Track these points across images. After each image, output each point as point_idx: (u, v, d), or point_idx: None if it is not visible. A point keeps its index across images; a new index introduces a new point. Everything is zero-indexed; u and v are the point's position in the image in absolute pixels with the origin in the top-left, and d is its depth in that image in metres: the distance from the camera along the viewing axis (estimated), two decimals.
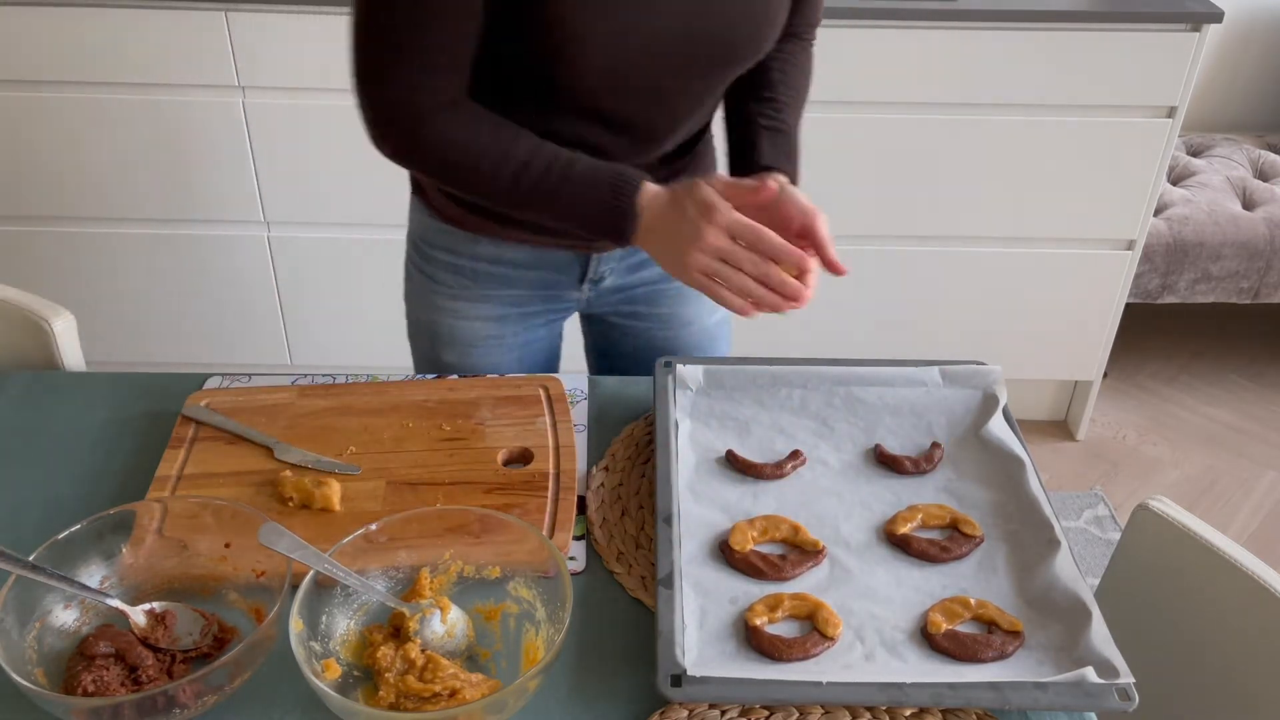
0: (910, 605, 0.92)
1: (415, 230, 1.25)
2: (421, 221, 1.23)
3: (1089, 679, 0.82)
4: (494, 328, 1.25)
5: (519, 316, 1.25)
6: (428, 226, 1.22)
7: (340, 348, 2.38)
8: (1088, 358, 2.40)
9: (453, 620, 0.87)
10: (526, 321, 1.26)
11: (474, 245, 1.19)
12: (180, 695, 0.79)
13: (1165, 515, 1.05)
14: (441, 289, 1.23)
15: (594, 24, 0.95)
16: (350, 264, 2.25)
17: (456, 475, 1.04)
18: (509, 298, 1.23)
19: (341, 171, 2.12)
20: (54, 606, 0.87)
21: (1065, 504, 2.31)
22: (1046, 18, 1.98)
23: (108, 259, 2.26)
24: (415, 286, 1.27)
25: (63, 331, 1.26)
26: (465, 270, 1.21)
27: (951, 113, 2.10)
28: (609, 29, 0.96)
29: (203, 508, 0.94)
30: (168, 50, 2.00)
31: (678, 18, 0.98)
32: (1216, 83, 2.80)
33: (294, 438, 1.08)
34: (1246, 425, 2.60)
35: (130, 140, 2.10)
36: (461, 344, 1.26)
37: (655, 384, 1.12)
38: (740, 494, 1.03)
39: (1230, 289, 2.44)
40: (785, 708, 0.85)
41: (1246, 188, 2.53)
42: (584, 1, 0.93)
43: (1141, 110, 2.09)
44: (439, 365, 1.29)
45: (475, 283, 1.21)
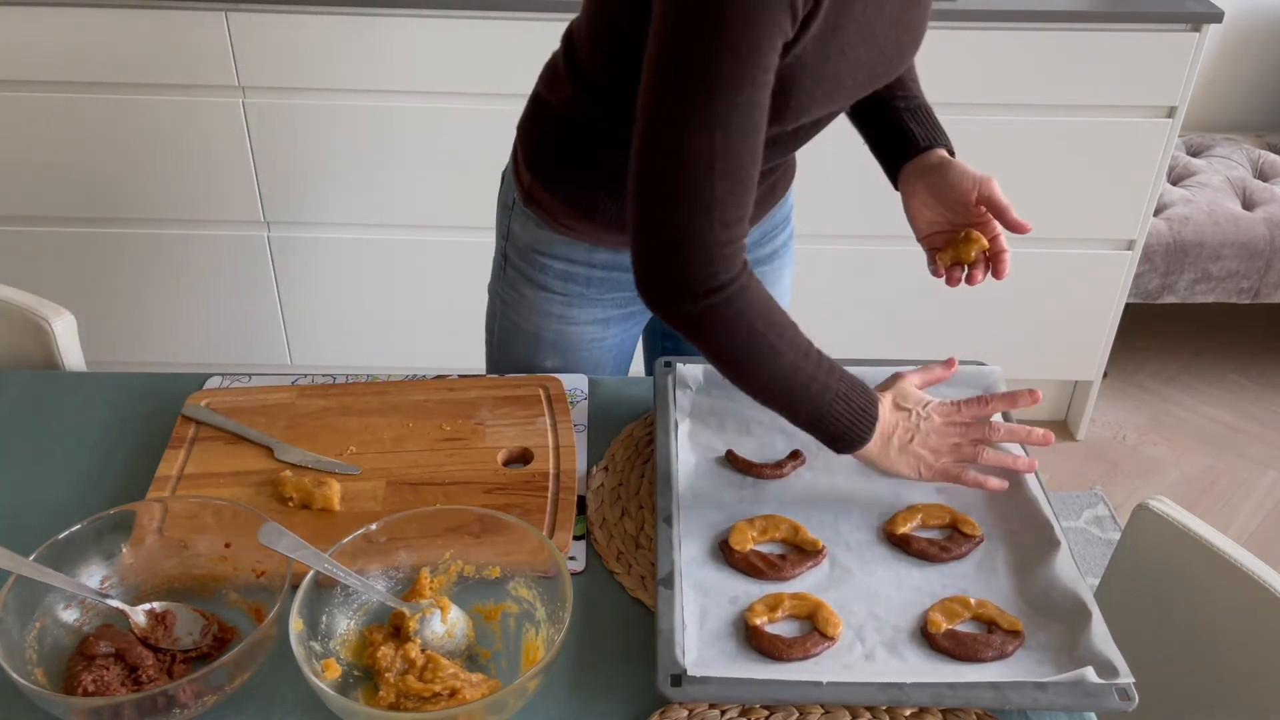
0: (910, 605, 0.92)
1: (524, 240, 1.21)
2: (533, 233, 1.20)
3: (1089, 679, 0.82)
4: (599, 330, 1.25)
5: (622, 317, 1.26)
6: (540, 237, 1.19)
7: (340, 348, 2.38)
8: (1088, 358, 2.40)
9: (453, 620, 0.87)
10: (626, 322, 1.27)
11: (591, 253, 1.18)
12: (180, 695, 0.79)
13: (1165, 515, 1.05)
14: (555, 296, 1.22)
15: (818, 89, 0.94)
16: (350, 264, 2.25)
17: (456, 475, 1.04)
18: (617, 300, 1.24)
19: (341, 171, 2.12)
20: (54, 606, 0.87)
21: (1065, 504, 2.31)
22: (1046, 18, 1.98)
23: (108, 259, 2.26)
24: (520, 296, 1.24)
25: (63, 331, 1.26)
26: (579, 277, 1.20)
27: (951, 113, 2.08)
28: (829, 74, 0.93)
29: (203, 508, 0.94)
30: (168, 50, 2.00)
31: (883, 55, 0.97)
32: (1216, 83, 2.80)
33: (294, 438, 1.09)
34: (1246, 425, 2.59)
35: (130, 140, 2.10)
36: (567, 348, 1.26)
37: (655, 384, 1.12)
38: (740, 494, 1.03)
39: (1230, 289, 2.44)
40: (785, 708, 0.85)
41: (1246, 188, 2.53)
42: (818, 80, 0.92)
43: (1141, 110, 2.09)
44: (537, 370, 1.28)
45: (589, 288, 1.21)
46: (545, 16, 1.92)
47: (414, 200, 2.15)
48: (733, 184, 0.86)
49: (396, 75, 2.00)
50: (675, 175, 0.86)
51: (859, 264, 2.24)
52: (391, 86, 2.02)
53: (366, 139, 2.08)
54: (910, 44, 1.01)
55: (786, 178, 1.24)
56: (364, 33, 1.96)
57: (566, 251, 1.19)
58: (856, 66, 0.95)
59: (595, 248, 1.18)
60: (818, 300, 2.29)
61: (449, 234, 2.18)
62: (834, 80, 0.94)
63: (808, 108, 0.95)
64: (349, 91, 2.04)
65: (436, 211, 2.16)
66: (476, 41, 1.96)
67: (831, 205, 2.07)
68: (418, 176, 2.12)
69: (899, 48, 0.99)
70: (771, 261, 1.31)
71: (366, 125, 2.07)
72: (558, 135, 1.13)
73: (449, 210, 2.15)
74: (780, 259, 1.32)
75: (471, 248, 2.20)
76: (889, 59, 0.98)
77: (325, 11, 1.95)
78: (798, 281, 1.42)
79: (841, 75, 0.94)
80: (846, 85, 0.96)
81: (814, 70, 0.90)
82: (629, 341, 1.31)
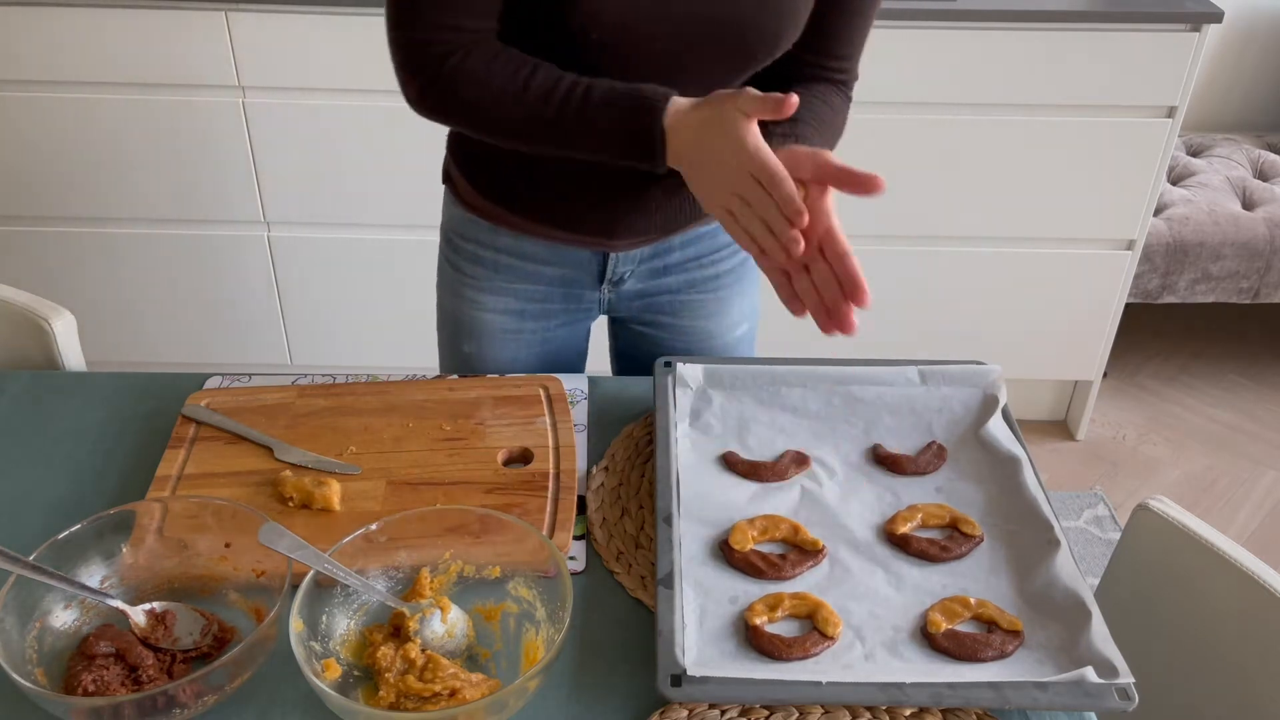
0: (910, 605, 0.92)
1: (445, 220, 1.27)
2: (450, 211, 1.25)
3: (1089, 679, 0.82)
4: (513, 321, 1.26)
5: (539, 313, 1.26)
6: (455, 216, 1.24)
7: (340, 348, 2.38)
8: (1088, 358, 2.40)
9: (453, 620, 0.87)
10: (547, 319, 1.27)
11: (495, 236, 1.20)
12: (180, 695, 0.79)
13: (1165, 515, 1.05)
14: (466, 279, 1.25)
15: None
16: (350, 264, 2.25)
17: (456, 475, 1.04)
18: (528, 292, 1.24)
19: (341, 171, 2.12)
20: (54, 606, 0.87)
21: (1065, 504, 2.31)
22: (1046, 18, 1.98)
23: (108, 259, 2.26)
24: (444, 276, 1.29)
25: (63, 331, 1.26)
26: (487, 261, 1.22)
27: (951, 113, 2.10)
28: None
29: (203, 508, 0.94)
30: (168, 50, 2.00)
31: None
32: (1216, 83, 2.80)
33: (294, 438, 1.09)
34: (1246, 425, 2.60)
35: (130, 140, 2.10)
36: (481, 335, 1.27)
37: (655, 384, 1.12)
38: (740, 494, 1.03)
39: (1230, 289, 2.44)
40: (785, 708, 0.85)
41: (1246, 188, 2.53)
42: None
43: (1141, 110, 2.09)
44: (459, 355, 1.30)
45: (497, 274, 1.23)
46: None
47: (414, 200, 2.15)
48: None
49: None
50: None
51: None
52: (392, 86, 2.02)
53: (366, 139, 2.08)
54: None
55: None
56: (364, 32, 1.96)
57: (474, 232, 1.22)
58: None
59: (497, 230, 1.20)
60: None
61: None
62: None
63: (599, 19, 0.95)
64: (349, 91, 2.04)
65: (436, 211, 2.16)
66: None
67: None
68: (417, 176, 2.12)
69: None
70: (715, 289, 1.28)
71: (366, 125, 2.07)
72: None
73: None
74: (726, 287, 1.29)
75: None
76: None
77: (325, 11, 1.95)
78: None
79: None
80: (644, 19, 0.96)
81: None
82: (560, 343, 1.30)
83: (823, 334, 0.92)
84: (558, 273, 1.23)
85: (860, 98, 2.16)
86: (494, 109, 1.00)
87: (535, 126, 1.00)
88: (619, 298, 1.28)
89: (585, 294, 1.26)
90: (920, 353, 2.17)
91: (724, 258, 1.27)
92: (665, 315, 1.30)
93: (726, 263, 1.28)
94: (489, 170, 1.17)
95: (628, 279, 1.25)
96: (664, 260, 1.25)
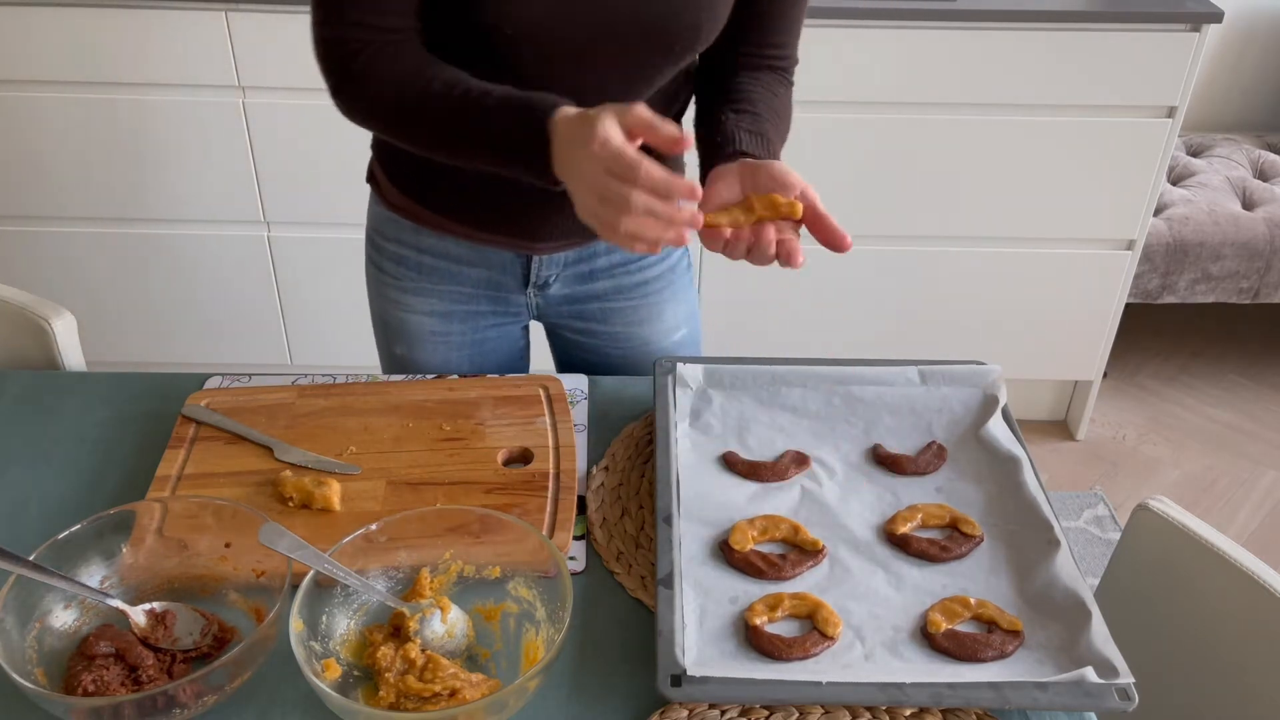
0: (910, 605, 0.92)
1: (369, 220, 1.26)
2: (373, 210, 1.24)
3: (1089, 679, 0.82)
4: (439, 323, 1.25)
5: (465, 315, 1.25)
6: (377, 215, 1.23)
7: (340, 348, 2.38)
8: (1088, 358, 2.40)
9: (453, 620, 0.87)
10: (474, 321, 1.26)
11: (417, 236, 1.19)
12: (180, 695, 0.79)
13: (1165, 515, 1.05)
14: (389, 280, 1.24)
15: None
16: (350, 264, 2.24)
17: (456, 475, 1.04)
18: (453, 294, 1.23)
19: (341, 171, 2.12)
20: (54, 606, 0.87)
21: (1065, 504, 2.31)
22: (1046, 18, 1.98)
23: (108, 259, 2.26)
24: (370, 277, 1.28)
25: (63, 331, 1.26)
26: (410, 262, 1.21)
27: (951, 113, 2.10)
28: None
29: (203, 508, 0.94)
30: (168, 50, 2.00)
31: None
32: (1216, 83, 2.80)
33: (294, 438, 1.09)
34: (1246, 425, 2.60)
35: (130, 140, 2.10)
36: (410, 337, 1.26)
37: (655, 384, 1.12)
38: (740, 494, 1.03)
39: (1230, 289, 2.44)
40: (785, 708, 0.85)
41: (1246, 188, 2.53)
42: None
43: (1141, 110, 2.09)
44: (393, 358, 1.30)
45: (420, 275, 1.22)
46: None
47: None
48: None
49: None
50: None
51: (858, 264, 2.24)
52: None
53: (366, 139, 2.08)
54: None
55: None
56: None
57: (396, 232, 1.21)
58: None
59: (420, 230, 1.19)
60: (817, 300, 2.29)
61: None
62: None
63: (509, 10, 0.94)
64: None
65: None
66: None
67: (827, 205, 2.07)
68: None
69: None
70: (645, 294, 1.26)
71: None
72: None
73: None
74: (657, 293, 1.27)
75: None
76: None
77: None
78: (798, 280, 1.42)
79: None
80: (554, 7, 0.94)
81: None
82: (492, 345, 1.28)
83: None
84: (482, 274, 1.22)
85: (860, 98, 2.17)
86: (398, 110, 0.99)
87: (435, 130, 0.98)
88: (546, 302, 1.26)
89: (511, 297, 1.25)
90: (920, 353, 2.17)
91: (651, 263, 1.25)
92: (596, 322, 1.28)
93: (654, 269, 1.26)
94: (410, 168, 1.16)
95: (553, 283, 1.24)
96: (589, 265, 1.23)
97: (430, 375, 1.23)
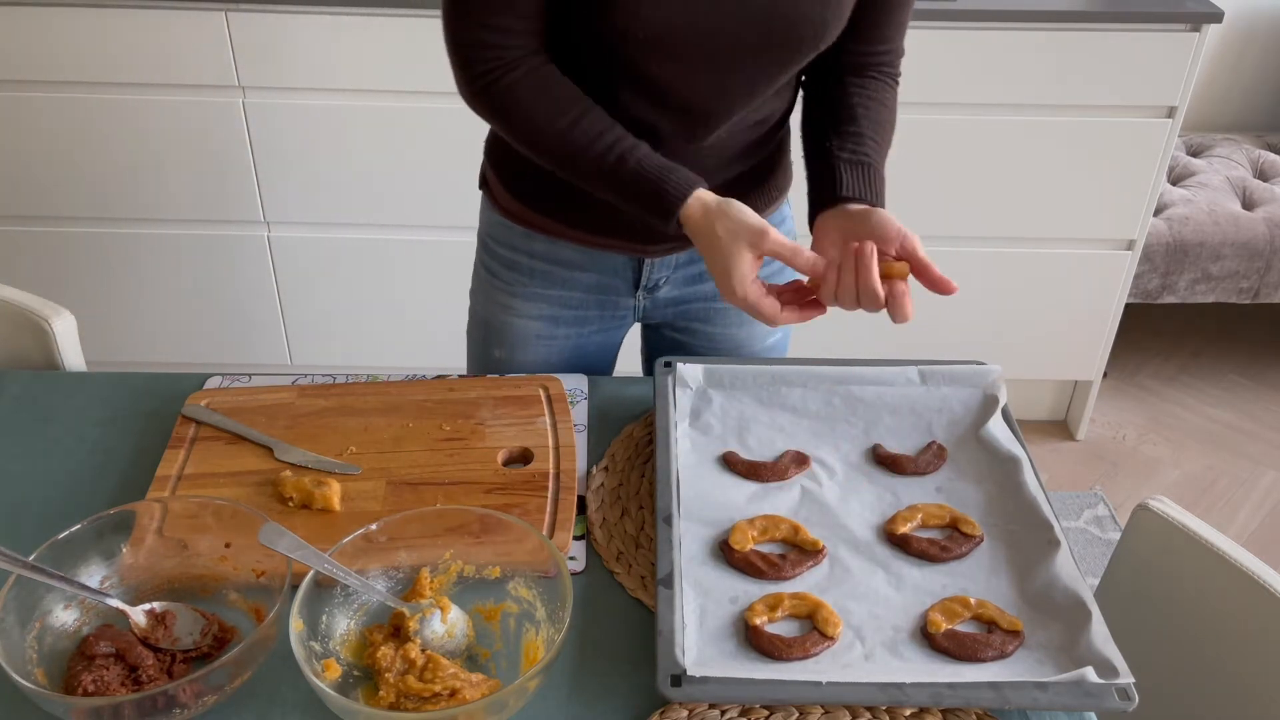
0: (910, 605, 0.92)
1: (481, 225, 1.27)
2: (486, 216, 1.25)
3: (1089, 679, 0.82)
4: (546, 328, 1.25)
5: (573, 319, 1.26)
6: (490, 221, 1.24)
7: (340, 348, 2.38)
8: (1088, 358, 2.40)
9: (453, 620, 0.87)
10: (580, 325, 1.26)
11: (529, 242, 1.20)
12: (180, 695, 0.79)
13: (1165, 515, 1.05)
14: (500, 284, 1.24)
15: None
16: (350, 264, 2.25)
17: (456, 475, 1.04)
18: (563, 298, 1.24)
19: (341, 171, 2.12)
20: (54, 606, 0.87)
21: (1065, 504, 2.31)
22: (1046, 18, 1.98)
23: (108, 259, 2.26)
24: (478, 281, 1.29)
25: (63, 331, 1.26)
26: (523, 267, 1.22)
27: (951, 113, 2.10)
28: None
29: (203, 508, 0.94)
30: (168, 50, 2.00)
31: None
32: (1216, 83, 2.80)
33: (294, 438, 1.09)
34: (1246, 425, 2.60)
35: (130, 140, 2.10)
36: (514, 340, 1.27)
37: (655, 384, 1.12)
38: (740, 494, 1.03)
39: (1230, 289, 2.44)
40: (785, 708, 0.85)
41: (1246, 188, 2.53)
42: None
43: (1141, 110, 2.09)
44: (488, 360, 1.30)
45: (531, 280, 1.22)
46: None
47: (414, 200, 2.15)
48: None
49: (396, 75, 2.00)
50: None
51: None
52: (392, 86, 2.02)
53: (366, 139, 2.08)
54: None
55: (759, 183, 1.20)
56: (364, 32, 1.96)
57: (508, 238, 1.21)
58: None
59: (531, 235, 1.19)
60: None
61: (449, 234, 2.18)
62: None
63: (639, 14, 0.95)
64: (349, 91, 2.04)
65: (436, 211, 2.16)
66: None
67: None
68: (417, 176, 2.12)
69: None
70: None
71: (366, 125, 2.07)
72: None
73: (448, 210, 2.15)
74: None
75: (472, 248, 2.20)
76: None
77: (325, 11, 1.95)
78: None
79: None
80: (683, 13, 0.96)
81: None
82: (592, 348, 1.30)
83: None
84: (593, 279, 1.22)
85: None
86: (537, 138, 1.04)
87: (569, 166, 1.04)
88: (654, 304, 1.27)
89: (620, 301, 1.26)
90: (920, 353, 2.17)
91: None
92: (698, 322, 1.29)
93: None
94: (526, 177, 1.16)
95: (663, 285, 1.25)
96: (699, 266, 1.24)
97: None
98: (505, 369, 1.29)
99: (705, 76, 1.02)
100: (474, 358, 1.34)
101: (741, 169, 1.15)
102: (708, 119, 1.07)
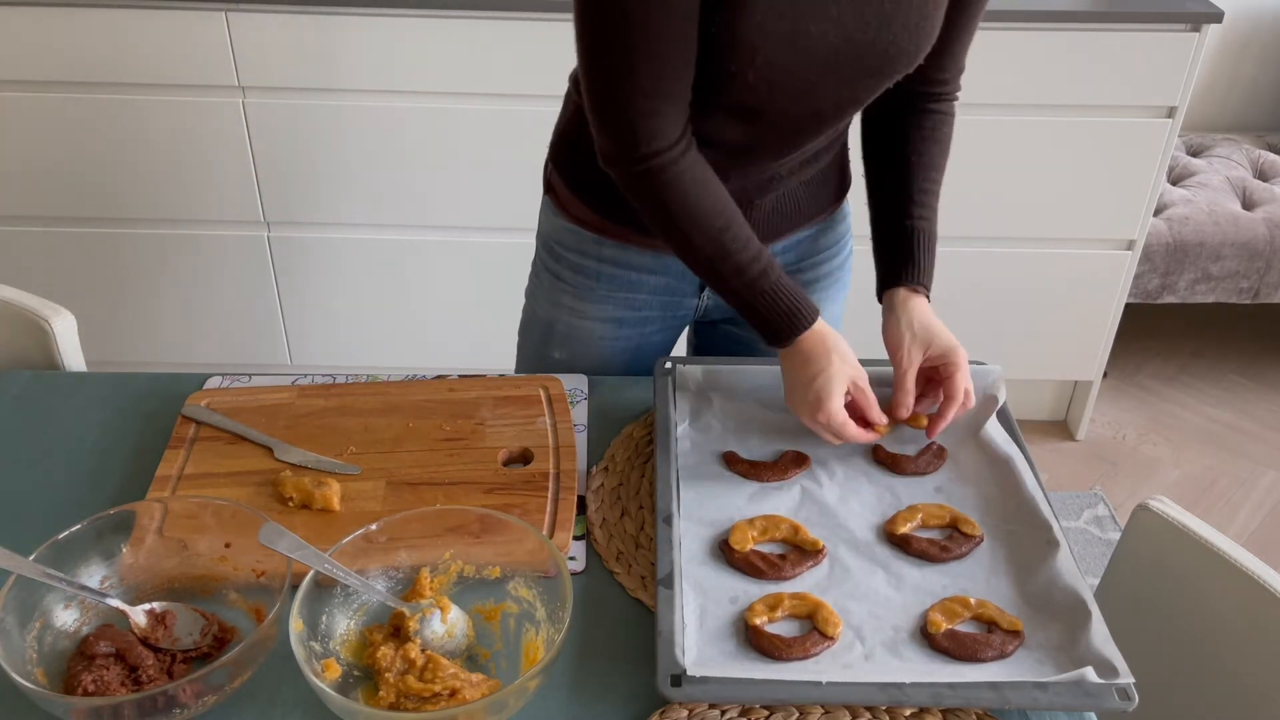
0: (910, 605, 0.92)
1: (545, 229, 1.26)
2: (552, 221, 1.24)
3: (1089, 679, 0.82)
4: (610, 329, 1.25)
5: (636, 320, 1.26)
6: (557, 226, 1.23)
7: (340, 348, 2.38)
8: (1088, 358, 2.40)
9: (453, 620, 0.87)
10: (643, 327, 1.27)
11: (599, 247, 1.20)
12: (180, 695, 0.79)
13: (1165, 515, 1.05)
14: (565, 287, 1.24)
15: (771, 30, 0.94)
16: (350, 264, 2.25)
17: (456, 475, 1.04)
18: (629, 300, 1.24)
19: (341, 171, 2.12)
20: (54, 606, 0.87)
21: (1065, 504, 2.31)
22: (1047, 18, 1.97)
23: (108, 259, 2.26)
24: (540, 284, 1.28)
25: (63, 331, 1.26)
26: (590, 271, 1.22)
27: None
28: (781, 33, 0.95)
29: (203, 508, 0.94)
30: (168, 50, 2.00)
31: (846, 25, 0.97)
32: (1216, 83, 2.80)
33: (294, 438, 1.09)
34: (1246, 425, 2.59)
35: (130, 140, 2.10)
36: (576, 342, 1.26)
37: (655, 384, 1.12)
38: (740, 494, 1.03)
39: (1230, 289, 2.44)
40: (785, 708, 0.85)
41: (1246, 188, 2.53)
42: (766, 12, 0.93)
43: (1141, 110, 2.09)
44: (545, 360, 1.30)
45: (598, 283, 1.22)
46: (545, 16, 1.92)
47: (414, 200, 2.15)
48: (648, 56, 0.94)
49: (397, 75, 2.00)
50: (601, 49, 0.96)
51: (858, 264, 2.24)
52: (392, 86, 2.02)
53: (366, 139, 2.08)
54: (897, 16, 0.97)
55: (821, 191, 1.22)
56: (364, 32, 1.96)
57: (576, 242, 1.21)
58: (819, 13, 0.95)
59: (602, 240, 1.19)
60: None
61: (448, 234, 2.18)
62: (790, 17, 0.94)
63: (760, 46, 0.94)
64: (349, 91, 2.04)
65: (436, 211, 2.16)
66: (477, 41, 1.96)
67: None
68: (418, 176, 2.12)
69: (880, 13, 0.97)
70: (811, 290, 1.29)
71: (367, 125, 2.07)
72: (567, 125, 1.17)
73: (448, 210, 2.15)
74: (819, 291, 1.30)
75: (472, 247, 2.20)
76: (866, 23, 0.97)
77: (325, 11, 1.95)
78: None
79: (800, 15, 0.94)
80: (810, 33, 0.95)
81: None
82: (651, 347, 1.30)
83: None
84: (660, 281, 1.22)
85: None
86: (691, 230, 1.03)
87: (708, 264, 1.04)
88: (716, 304, 1.27)
89: (684, 301, 1.26)
90: None
91: (823, 260, 1.28)
92: None
93: (825, 266, 1.29)
94: (596, 184, 1.15)
95: None
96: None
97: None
98: (562, 370, 1.28)
99: (801, 102, 1.04)
100: (527, 359, 1.33)
101: (812, 172, 1.18)
102: (796, 139, 1.09)
